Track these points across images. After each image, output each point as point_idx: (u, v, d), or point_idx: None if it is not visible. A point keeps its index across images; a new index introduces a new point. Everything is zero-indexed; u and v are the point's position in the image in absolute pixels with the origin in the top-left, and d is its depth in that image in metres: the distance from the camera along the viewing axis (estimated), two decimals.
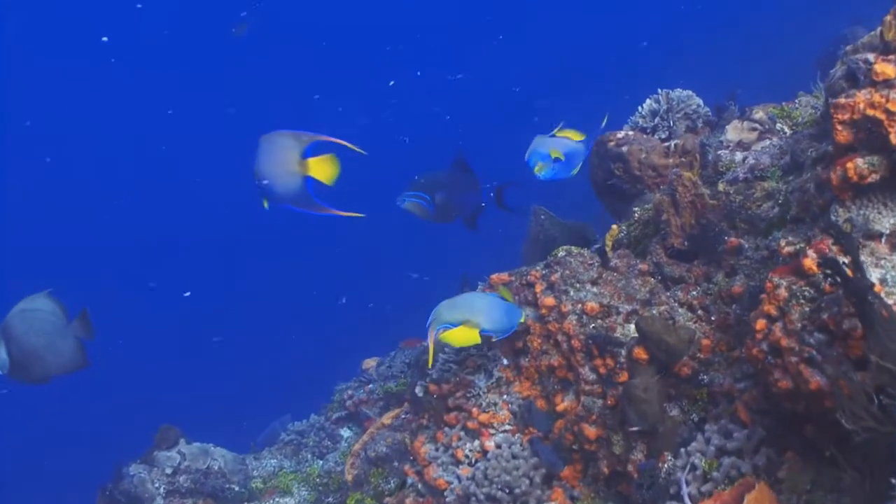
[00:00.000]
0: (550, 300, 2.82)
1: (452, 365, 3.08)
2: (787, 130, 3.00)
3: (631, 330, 2.64)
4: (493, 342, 3.05)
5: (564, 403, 2.78)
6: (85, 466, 6.58)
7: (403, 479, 3.20)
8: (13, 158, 15.28)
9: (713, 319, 2.58)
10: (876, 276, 1.87)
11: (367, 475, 3.65)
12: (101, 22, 14.27)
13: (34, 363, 3.21)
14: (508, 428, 2.92)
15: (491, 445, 2.89)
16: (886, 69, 1.99)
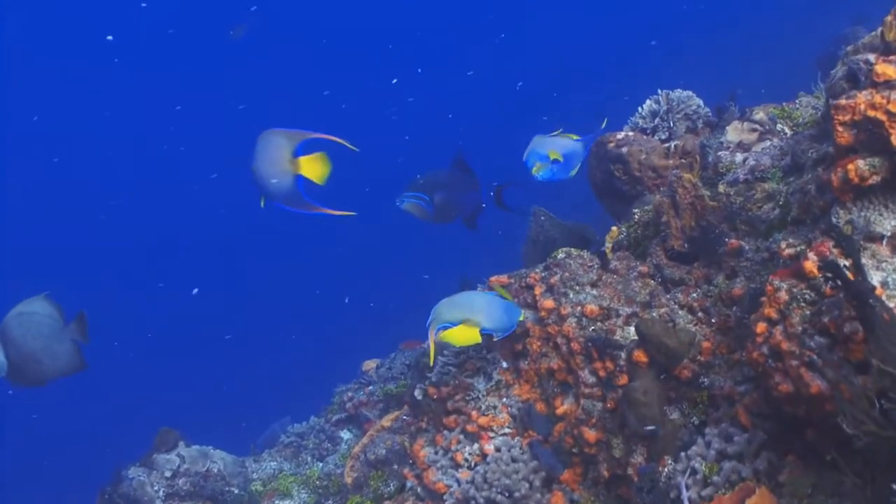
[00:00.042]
0: (550, 303, 2.80)
1: (451, 368, 3.06)
2: (787, 131, 2.98)
3: (631, 332, 2.62)
4: (492, 343, 3.04)
5: (564, 406, 2.76)
6: (84, 467, 6.58)
7: (403, 482, 3.18)
8: (15, 158, 15.26)
9: (713, 322, 2.57)
10: (877, 278, 1.85)
11: (366, 478, 3.64)
12: (105, 21, 14.25)
13: (31, 366, 3.20)
14: (508, 431, 2.91)
15: (490, 449, 2.87)
16: (887, 70, 1.98)
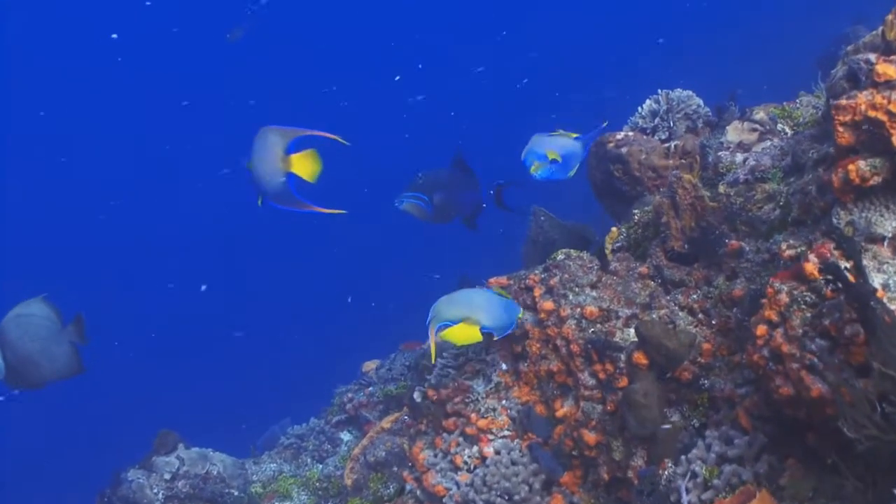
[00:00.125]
0: (549, 304, 2.79)
1: (451, 370, 3.05)
2: (788, 131, 2.96)
3: (631, 334, 2.61)
4: (491, 345, 3.03)
5: (564, 409, 2.75)
6: (84, 468, 6.57)
7: (402, 484, 3.17)
8: (17, 158, 15.25)
9: (714, 323, 2.55)
10: (878, 280, 1.84)
11: (366, 480, 3.63)
12: (110, 19, 14.22)
13: (29, 369, 3.19)
14: (507, 433, 2.90)
15: (490, 451, 2.86)
16: (888, 70, 1.96)
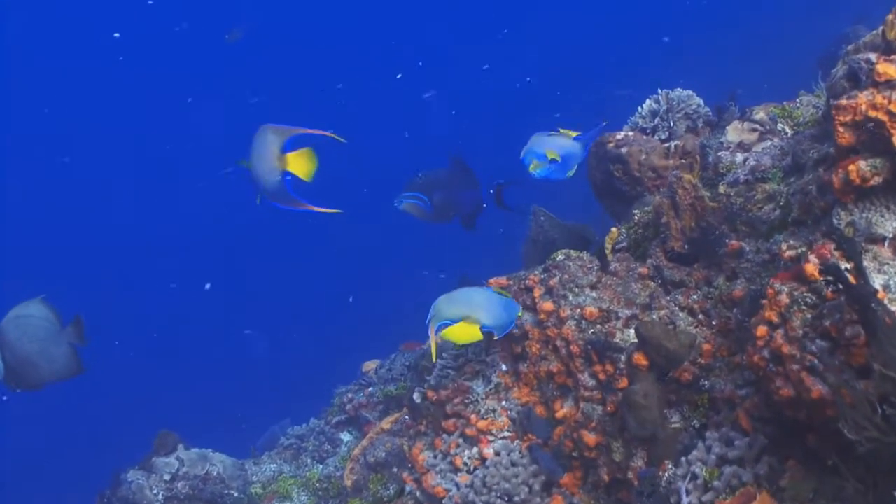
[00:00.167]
0: (549, 305, 2.78)
1: (450, 371, 3.04)
2: (788, 131, 2.95)
3: (630, 335, 2.60)
4: (491, 345, 3.02)
5: (564, 410, 2.74)
6: (84, 468, 6.57)
7: (402, 485, 3.16)
8: (19, 157, 15.23)
9: (714, 324, 2.55)
10: (879, 282, 1.83)
11: (366, 481, 3.62)
12: (112, 18, 14.19)
13: (28, 370, 3.19)
14: (507, 435, 2.89)
15: (490, 453, 2.85)
16: (889, 70, 1.96)
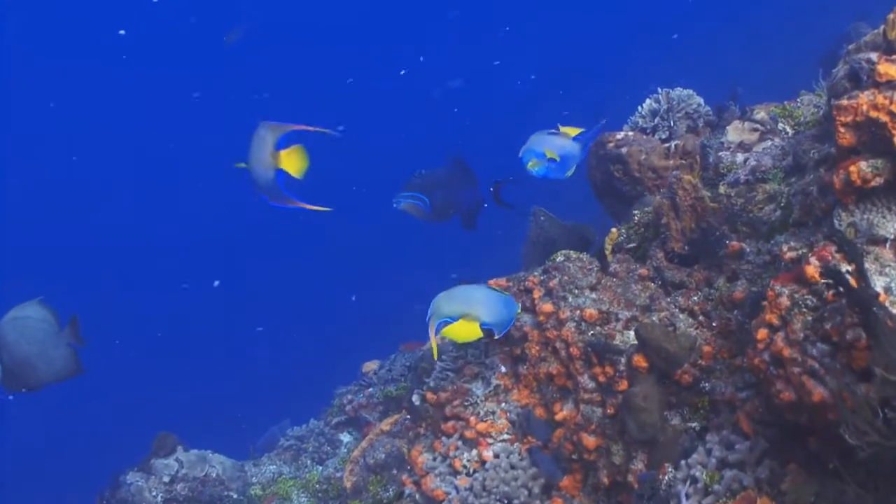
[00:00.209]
0: (548, 307, 2.76)
1: (449, 373, 3.02)
2: (789, 130, 2.94)
3: (630, 337, 2.58)
4: (490, 347, 3.01)
5: (563, 412, 2.72)
6: (84, 469, 6.56)
7: (402, 488, 3.15)
8: (22, 156, 15.22)
9: (714, 325, 2.53)
10: (880, 284, 1.81)
11: (365, 483, 3.61)
12: (117, 16, 14.17)
13: (26, 371, 3.18)
14: (507, 437, 2.87)
15: (489, 455, 2.83)
16: (890, 70, 1.94)
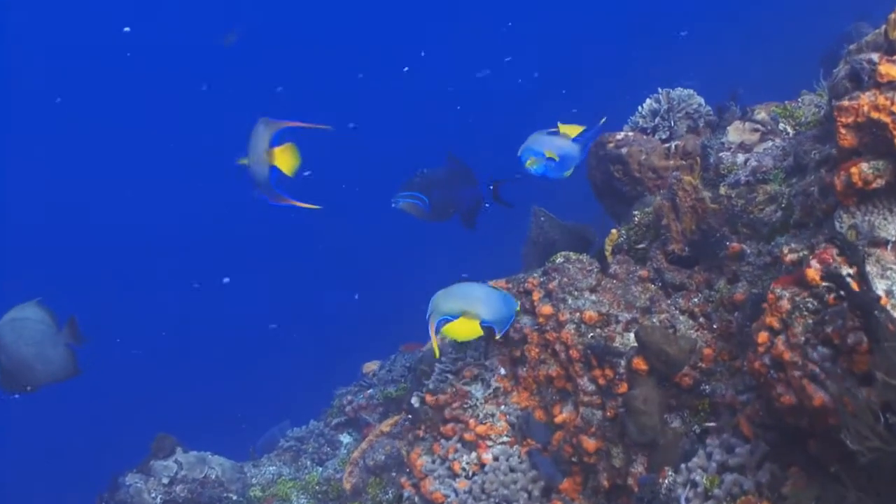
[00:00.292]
0: (548, 309, 2.74)
1: (448, 375, 3.01)
2: (789, 130, 2.92)
3: (630, 339, 2.57)
4: (490, 349, 3.00)
5: (563, 415, 2.71)
6: (84, 469, 6.56)
7: (401, 490, 3.13)
8: (32, 154, 15.20)
9: (715, 327, 2.52)
10: (882, 287, 1.79)
11: (365, 484, 3.60)
12: (122, 13, 14.14)
13: (24, 372, 3.18)
14: (506, 440, 2.86)
15: (488, 458, 2.82)
16: (891, 70, 1.92)
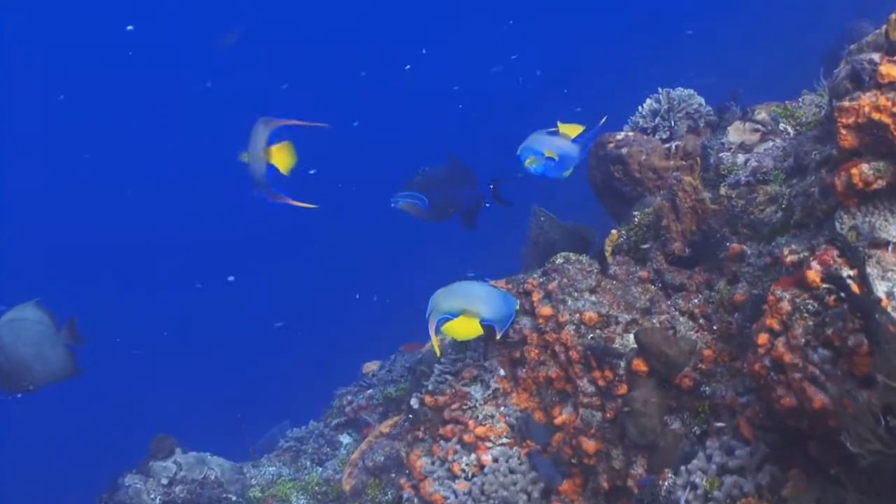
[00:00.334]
0: (548, 310, 2.74)
1: (448, 376, 3.00)
2: (790, 130, 2.91)
3: (630, 340, 2.56)
4: (489, 350, 2.99)
5: (563, 416, 2.70)
6: (84, 469, 6.55)
7: (400, 491, 3.13)
8: (36, 154, 15.19)
9: (715, 329, 2.51)
10: (882, 289, 1.78)
11: (364, 485, 3.59)
12: (125, 11, 14.11)
13: (23, 373, 3.18)
14: (506, 441, 2.85)
15: (488, 459, 2.81)
16: (892, 71, 1.91)
